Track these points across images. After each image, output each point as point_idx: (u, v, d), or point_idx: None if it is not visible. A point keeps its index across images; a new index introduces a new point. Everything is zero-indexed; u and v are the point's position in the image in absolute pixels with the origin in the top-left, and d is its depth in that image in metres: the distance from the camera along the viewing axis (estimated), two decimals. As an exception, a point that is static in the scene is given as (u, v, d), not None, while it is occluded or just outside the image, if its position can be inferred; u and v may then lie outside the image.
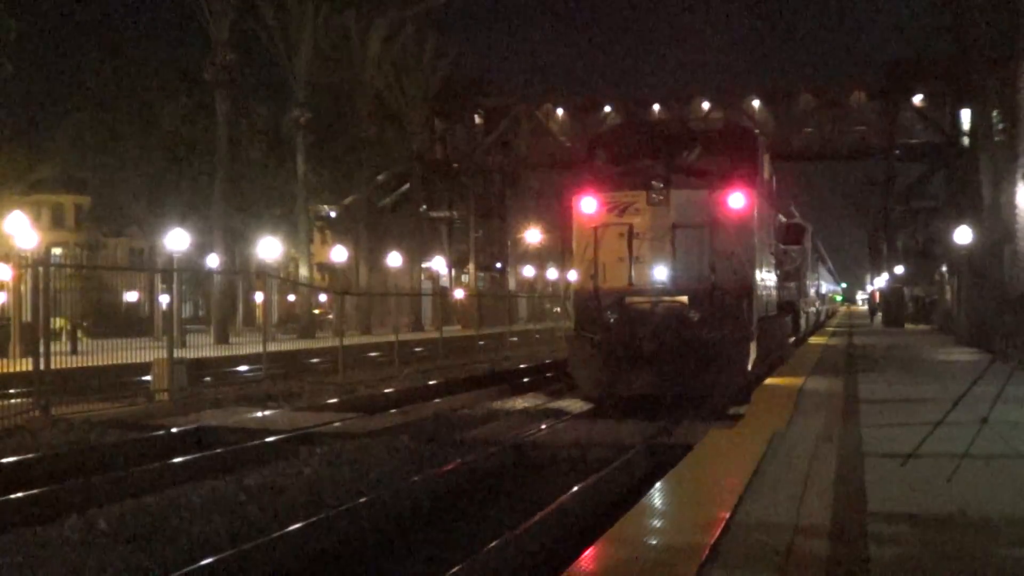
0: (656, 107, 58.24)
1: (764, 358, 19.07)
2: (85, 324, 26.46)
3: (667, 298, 16.89)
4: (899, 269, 58.46)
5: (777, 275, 21.90)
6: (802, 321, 30.47)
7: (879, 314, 51.36)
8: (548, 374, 25.83)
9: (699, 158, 18.19)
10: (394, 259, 52.92)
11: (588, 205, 17.23)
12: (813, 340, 33.94)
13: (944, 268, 48.23)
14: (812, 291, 40.04)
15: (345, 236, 53.55)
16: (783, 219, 23.74)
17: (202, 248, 42.60)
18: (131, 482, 10.42)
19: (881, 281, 62.71)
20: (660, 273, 16.84)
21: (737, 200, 16.97)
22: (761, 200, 18.34)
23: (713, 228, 16.71)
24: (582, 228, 17.32)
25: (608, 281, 16.97)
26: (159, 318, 28.14)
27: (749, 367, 17.14)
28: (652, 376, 16.48)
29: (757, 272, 18.06)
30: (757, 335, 17.76)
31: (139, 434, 13.84)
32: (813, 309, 42.01)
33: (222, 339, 32.59)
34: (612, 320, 16.82)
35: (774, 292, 21.32)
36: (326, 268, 61.42)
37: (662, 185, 16.84)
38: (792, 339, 26.54)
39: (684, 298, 16.84)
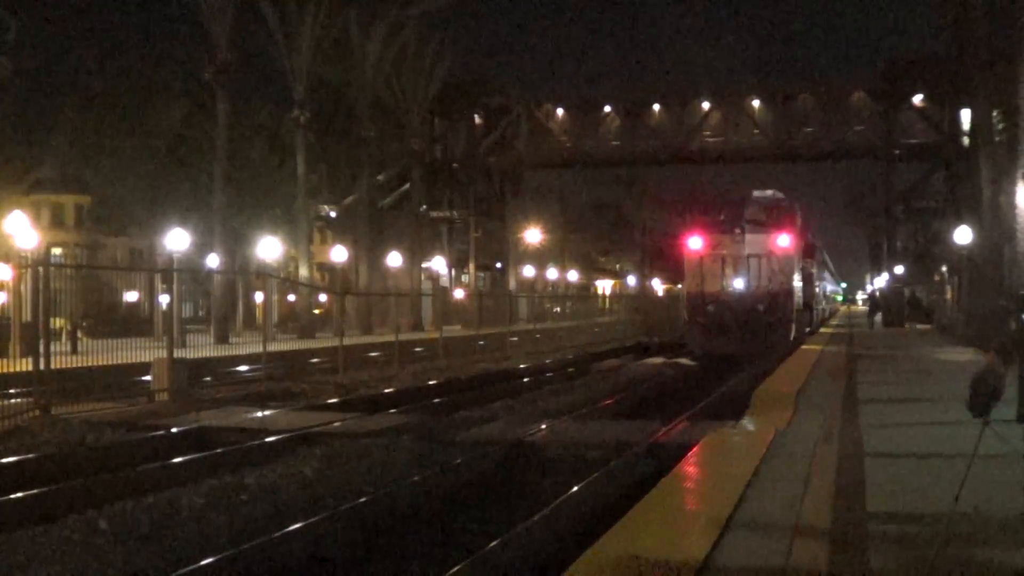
0: (656, 107, 58.18)
1: (797, 334, 30.98)
2: (85, 324, 26.40)
3: (743, 298, 28.53)
4: (899, 269, 58.39)
5: (803, 283, 32.90)
6: (815, 315, 42.24)
7: (879, 315, 51.15)
8: (547, 373, 25.84)
9: (766, 213, 30.04)
10: (394, 259, 52.87)
11: (695, 242, 29.53)
12: (822, 330, 43.23)
13: (944, 268, 48.20)
14: (820, 292, 52.55)
15: (345, 236, 53.47)
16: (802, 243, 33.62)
17: (202, 248, 42.54)
18: (131, 482, 10.41)
19: (881, 281, 62.65)
20: (739, 283, 28.86)
21: (784, 240, 29.24)
22: (797, 239, 30.58)
23: (770, 256, 28.85)
24: (691, 256, 29.62)
25: (709, 287, 28.89)
26: (159, 318, 28.09)
27: (791, 337, 29.30)
28: (735, 342, 27.90)
29: (794, 282, 30.16)
30: (795, 319, 29.85)
31: (139, 434, 13.82)
32: (821, 307, 56.36)
33: (222, 339, 32.52)
34: (712, 310, 28.57)
35: (801, 294, 32.28)
36: (326, 268, 61.37)
37: (740, 230, 28.87)
38: (808, 329, 36.38)
39: (754, 297, 28.39)
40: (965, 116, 46.90)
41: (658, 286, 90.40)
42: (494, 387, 21.61)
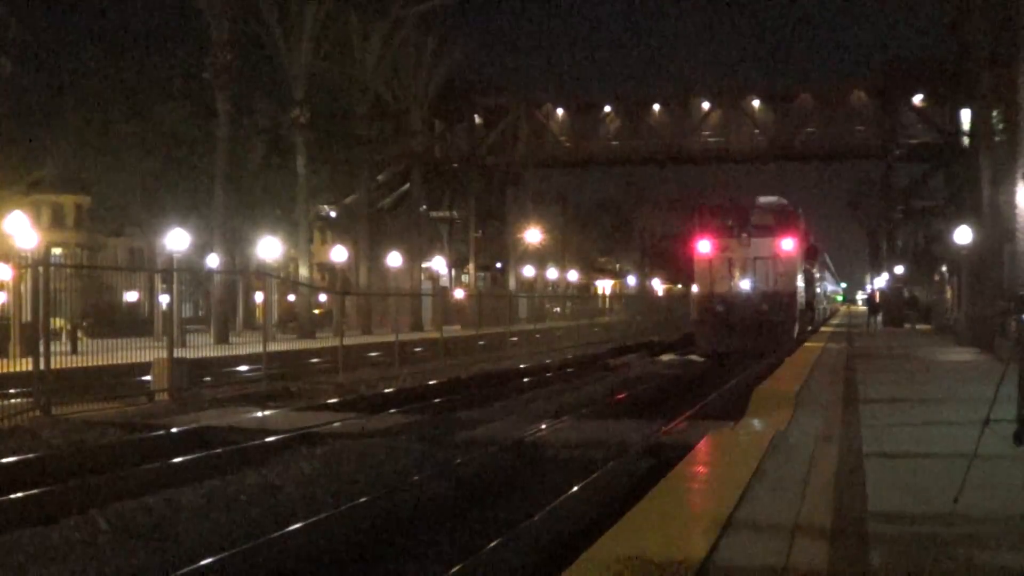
0: (656, 107, 58.16)
1: (800, 332, 32.88)
2: (85, 324, 26.39)
3: (750, 298, 30.02)
4: (899, 269, 58.38)
5: (805, 284, 34.44)
6: (816, 315, 44.64)
7: (879, 316, 51.08)
8: (547, 373, 25.83)
9: (771, 218, 31.41)
10: (394, 259, 52.84)
11: (704, 246, 31.01)
12: (823, 329, 45.72)
13: (944, 268, 48.19)
14: (821, 293, 54.63)
15: (345, 236, 53.42)
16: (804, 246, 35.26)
17: (202, 248, 42.49)
18: (131, 482, 10.41)
19: (881, 281, 62.63)
20: (745, 284, 30.36)
21: (787, 243, 30.90)
22: (800, 243, 32.04)
23: (774, 259, 30.50)
24: (701, 259, 31.05)
25: (717, 288, 30.45)
26: (159, 318, 28.11)
27: (794, 336, 31.03)
28: (741, 340, 29.41)
29: (798, 284, 31.84)
30: (798, 319, 31.84)
31: (139, 434, 13.82)
32: (823, 307, 59.18)
33: (222, 339, 32.50)
34: (720, 310, 30.10)
35: (804, 295, 33.97)
36: (326, 268, 61.34)
37: (746, 234, 30.56)
38: (809, 328, 38.49)
39: (759, 298, 29.91)
40: (965, 116, 46.83)
41: (658, 286, 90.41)
42: (494, 387, 21.61)
